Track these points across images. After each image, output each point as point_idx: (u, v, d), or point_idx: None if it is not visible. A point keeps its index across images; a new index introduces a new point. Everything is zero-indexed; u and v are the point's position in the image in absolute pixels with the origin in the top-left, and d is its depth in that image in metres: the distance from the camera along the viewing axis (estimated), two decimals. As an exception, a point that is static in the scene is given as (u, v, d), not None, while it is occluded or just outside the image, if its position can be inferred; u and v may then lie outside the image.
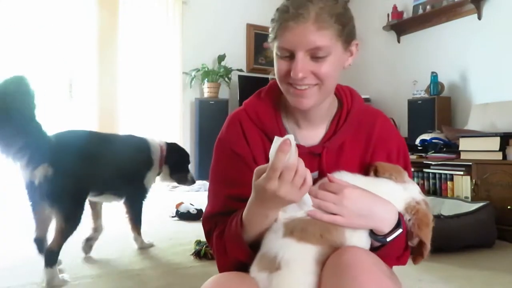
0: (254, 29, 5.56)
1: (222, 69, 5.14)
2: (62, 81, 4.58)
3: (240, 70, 5.29)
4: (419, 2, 4.71)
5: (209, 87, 5.11)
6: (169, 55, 5.04)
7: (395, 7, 4.96)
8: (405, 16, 4.91)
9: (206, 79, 5.09)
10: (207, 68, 5.12)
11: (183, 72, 5.14)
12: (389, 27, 5.05)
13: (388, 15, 5.05)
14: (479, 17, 4.08)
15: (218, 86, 5.15)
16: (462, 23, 4.27)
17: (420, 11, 4.64)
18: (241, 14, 5.47)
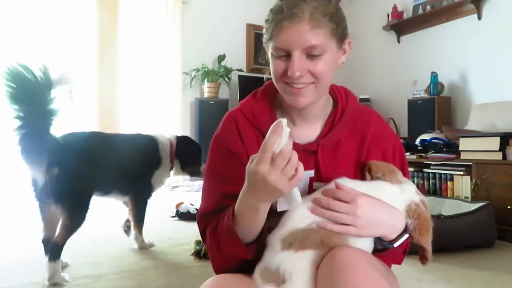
0: (254, 29, 5.56)
1: (222, 69, 5.14)
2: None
3: (240, 70, 5.29)
4: (419, 2, 4.71)
5: (209, 87, 5.11)
6: (169, 55, 5.04)
7: (395, 7, 4.96)
8: (405, 16, 4.91)
9: (206, 79, 5.09)
10: (207, 68, 5.12)
11: (183, 72, 5.13)
12: (389, 27, 5.05)
13: (388, 15, 5.05)
14: (479, 17, 4.08)
15: (218, 86, 5.15)
16: (462, 23, 4.27)
17: (420, 11, 4.64)
18: (241, 14, 5.47)
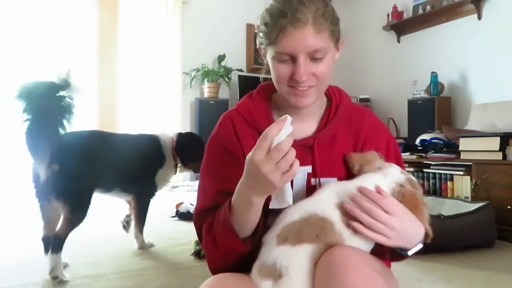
0: (254, 29, 5.55)
1: (222, 69, 5.13)
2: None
3: (240, 70, 5.29)
4: (419, 2, 4.71)
5: (209, 87, 5.10)
6: (169, 55, 5.04)
7: (395, 7, 4.96)
8: (405, 16, 4.91)
9: (206, 79, 5.09)
10: (207, 68, 5.12)
11: (183, 72, 5.13)
12: (389, 27, 5.05)
13: (388, 15, 5.05)
14: (479, 17, 4.08)
15: (218, 86, 5.15)
16: (462, 23, 4.28)
17: (420, 11, 4.64)
18: (241, 14, 5.47)
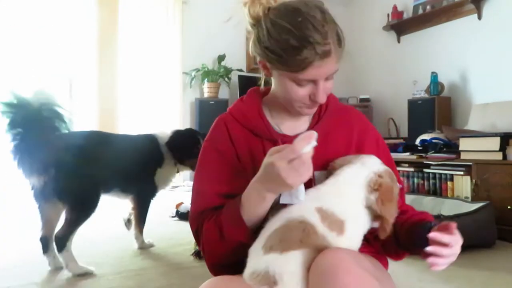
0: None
1: (222, 69, 5.13)
2: (62, 81, 4.58)
3: (240, 70, 5.28)
4: (419, 2, 4.71)
5: (209, 87, 5.10)
6: (169, 55, 5.04)
7: (395, 7, 4.95)
8: (405, 16, 4.91)
9: (206, 79, 5.09)
10: (207, 68, 5.11)
11: (183, 72, 5.13)
12: (389, 27, 5.05)
13: (388, 15, 5.05)
14: (479, 17, 4.08)
15: (218, 86, 5.15)
16: (462, 23, 4.27)
17: (420, 11, 4.64)
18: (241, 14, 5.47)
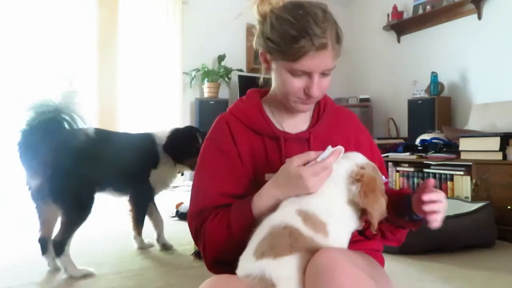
0: (254, 30, 5.54)
1: (222, 69, 5.13)
2: (62, 81, 4.57)
3: (240, 70, 5.28)
4: (419, 2, 4.71)
5: (209, 87, 5.10)
6: (169, 55, 5.04)
7: (395, 7, 4.95)
8: (405, 16, 4.91)
9: (206, 79, 5.09)
10: (207, 68, 5.11)
11: (183, 72, 5.13)
12: (389, 27, 5.05)
13: (388, 15, 5.05)
14: (479, 17, 4.08)
15: (218, 86, 5.15)
16: (462, 23, 4.28)
17: (420, 11, 4.64)
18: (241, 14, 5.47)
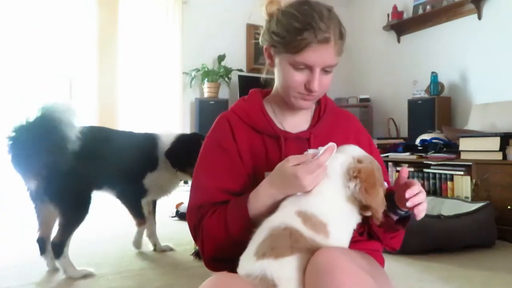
0: (254, 30, 5.56)
1: (222, 69, 5.13)
2: (62, 81, 4.58)
3: (240, 70, 5.28)
4: (419, 2, 4.71)
5: (209, 87, 5.10)
6: (169, 55, 5.04)
7: (395, 7, 4.95)
8: (405, 16, 4.91)
9: (206, 79, 5.08)
10: (207, 68, 5.11)
11: (183, 72, 5.13)
12: (389, 27, 5.05)
13: (388, 15, 5.05)
14: (479, 17, 4.08)
15: (218, 86, 5.15)
16: (462, 23, 4.27)
17: (420, 11, 4.64)
18: (241, 14, 5.47)
